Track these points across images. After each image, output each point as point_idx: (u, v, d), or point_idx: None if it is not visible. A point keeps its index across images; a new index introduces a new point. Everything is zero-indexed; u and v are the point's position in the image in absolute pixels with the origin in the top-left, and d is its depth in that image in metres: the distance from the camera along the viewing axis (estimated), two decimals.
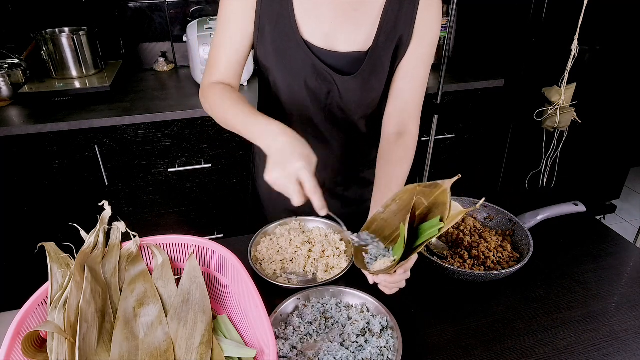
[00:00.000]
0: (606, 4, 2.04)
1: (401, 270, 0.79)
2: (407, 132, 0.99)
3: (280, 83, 0.99)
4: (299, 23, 0.92)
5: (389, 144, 0.99)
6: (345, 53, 0.94)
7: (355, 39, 0.93)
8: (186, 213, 2.05)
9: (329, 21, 0.92)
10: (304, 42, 0.92)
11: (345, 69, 0.95)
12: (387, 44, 0.94)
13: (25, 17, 2.05)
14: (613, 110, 2.39)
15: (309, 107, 1.01)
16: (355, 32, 0.93)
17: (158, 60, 2.28)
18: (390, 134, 1.00)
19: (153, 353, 0.68)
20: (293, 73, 0.96)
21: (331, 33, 0.93)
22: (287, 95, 1.00)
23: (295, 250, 0.99)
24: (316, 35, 0.93)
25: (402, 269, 0.79)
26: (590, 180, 2.62)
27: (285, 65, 0.96)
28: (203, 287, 0.76)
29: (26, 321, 0.65)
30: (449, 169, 2.32)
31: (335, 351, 0.74)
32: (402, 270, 0.79)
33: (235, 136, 1.92)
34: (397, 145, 0.98)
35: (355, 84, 0.96)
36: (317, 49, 0.93)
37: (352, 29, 0.93)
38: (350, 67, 0.95)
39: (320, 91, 0.98)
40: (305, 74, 0.96)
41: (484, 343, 0.80)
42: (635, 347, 0.79)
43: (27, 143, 1.71)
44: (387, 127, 1.02)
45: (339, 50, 0.94)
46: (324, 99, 1.00)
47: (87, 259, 0.74)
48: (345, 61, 0.95)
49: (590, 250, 1.04)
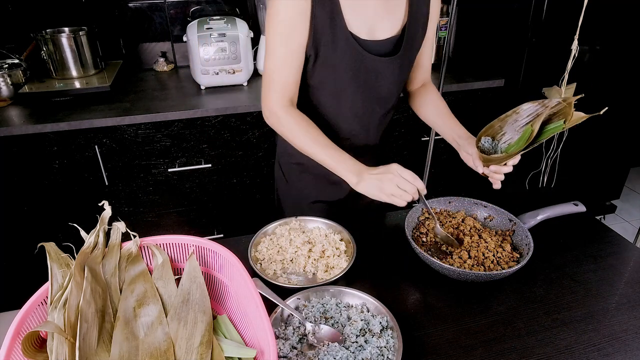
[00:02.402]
0: (606, 4, 2.04)
1: (511, 162, 0.97)
2: (427, 83, 1.23)
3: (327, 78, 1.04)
4: (347, 20, 0.98)
5: (421, 93, 1.21)
6: (385, 40, 1.04)
7: (391, 25, 1.04)
8: (186, 213, 2.05)
9: (372, 15, 1.00)
10: (352, 36, 0.99)
11: (386, 53, 1.05)
12: (417, 24, 1.06)
13: (25, 17, 2.05)
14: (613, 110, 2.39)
15: (354, 99, 1.08)
16: (391, 19, 1.03)
17: (158, 60, 2.28)
18: (416, 89, 1.23)
19: (153, 353, 0.68)
20: (341, 67, 1.02)
21: (373, 24, 1.02)
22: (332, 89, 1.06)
23: (295, 250, 0.99)
24: (362, 29, 1.01)
25: (512, 161, 0.97)
26: (590, 180, 2.62)
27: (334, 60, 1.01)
28: (203, 287, 0.76)
29: (26, 321, 0.65)
30: (449, 169, 2.32)
31: (335, 351, 0.74)
32: (512, 162, 0.97)
33: (235, 136, 1.92)
34: (428, 91, 1.20)
35: (396, 65, 1.06)
36: (362, 41, 1.01)
37: (389, 17, 1.03)
38: (390, 51, 1.05)
39: (367, 81, 1.06)
40: (355, 67, 1.03)
41: (484, 343, 0.80)
42: (635, 347, 0.79)
43: (27, 143, 1.71)
44: (413, 86, 1.24)
45: (379, 38, 1.03)
46: (369, 87, 1.07)
47: (87, 259, 0.74)
48: (385, 47, 1.05)
49: (590, 250, 1.04)
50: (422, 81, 1.23)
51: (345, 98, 1.08)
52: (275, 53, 0.99)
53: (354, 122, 1.13)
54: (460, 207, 1.13)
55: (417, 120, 1.28)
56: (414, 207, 1.10)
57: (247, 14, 2.29)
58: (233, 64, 1.97)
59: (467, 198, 1.13)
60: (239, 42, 1.95)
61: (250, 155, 1.98)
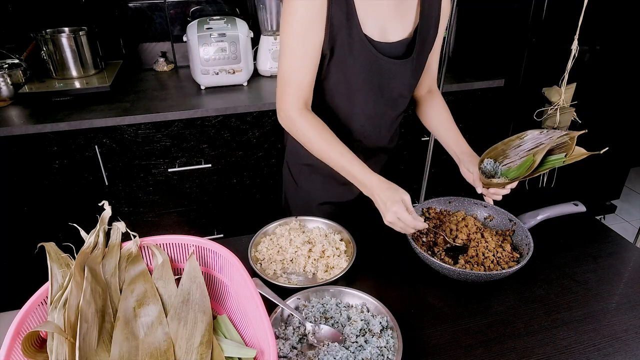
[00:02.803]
0: (606, 4, 2.04)
1: (509, 186, 1.00)
2: (434, 89, 1.24)
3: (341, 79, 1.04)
4: (361, 22, 0.98)
5: (427, 100, 1.22)
6: (397, 42, 1.04)
7: (403, 28, 1.04)
8: (186, 213, 2.05)
9: (384, 17, 1.01)
10: (366, 38, 0.99)
11: (399, 56, 1.05)
12: (428, 26, 1.06)
13: (25, 17, 2.05)
14: (613, 110, 2.39)
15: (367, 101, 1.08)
16: (403, 22, 1.03)
17: (158, 60, 2.28)
18: (422, 95, 1.23)
19: (153, 353, 0.68)
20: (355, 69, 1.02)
21: (385, 27, 1.02)
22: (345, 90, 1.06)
23: (295, 250, 0.99)
24: (374, 31, 1.01)
25: (510, 185, 1.00)
26: (590, 180, 2.62)
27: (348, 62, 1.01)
28: (203, 287, 0.76)
29: (26, 321, 0.65)
30: (449, 169, 2.32)
31: (335, 351, 0.74)
32: (510, 186, 1.00)
33: (235, 136, 1.92)
34: (434, 99, 1.21)
35: (409, 67, 1.07)
36: (376, 43, 1.01)
37: (401, 20, 1.03)
38: (403, 53, 1.06)
39: (380, 84, 1.06)
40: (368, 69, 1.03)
41: (484, 343, 0.80)
42: (635, 347, 0.79)
43: (27, 143, 1.70)
44: (420, 92, 1.24)
45: (391, 40, 1.03)
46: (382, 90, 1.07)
47: (87, 259, 0.74)
48: (397, 49, 1.05)
49: (590, 250, 1.04)
50: (428, 86, 1.23)
51: (358, 100, 1.07)
52: (292, 53, 0.98)
53: (366, 123, 1.12)
54: (460, 207, 1.13)
55: (417, 120, 1.28)
56: (414, 207, 1.10)
57: (247, 14, 2.29)
58: (233, 64, 1.97)
59: (467, 198, 1.12)
60: (239, 42, 1.95)
61: (250, 155, 1.98)
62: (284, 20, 0.96)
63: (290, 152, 1.26)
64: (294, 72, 0.99)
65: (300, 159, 1.22)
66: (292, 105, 1.01)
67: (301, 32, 0.95)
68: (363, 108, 1.09)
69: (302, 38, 0.96)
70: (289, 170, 1.28)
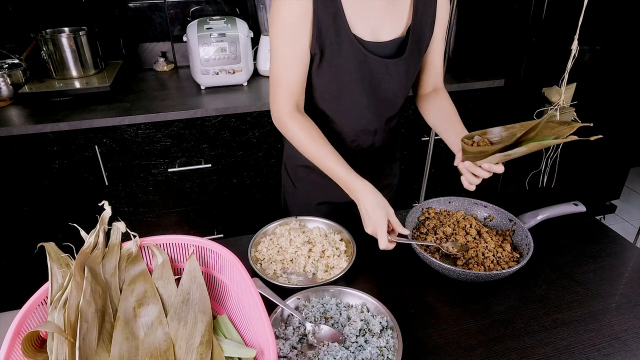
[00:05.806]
0: (606, 4, 2.04)
1: (486, 165, 0.92)
2: (439, 87, 1.19)
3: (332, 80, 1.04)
4: (349, 22, 0.98)
5: (431, 97, 1.17)
6: (389, 41, 1.03)
7: (395, 27, 1.03)
8: (186, 213, 2.05)
9: (375, 17, 1.00)
10: (355, 38, 0.99)
11: (391, 55, 1.04)
12: (422, 25, 1.05)
13: (25, 17, 2.05)
14: (613, 110, 2.39)
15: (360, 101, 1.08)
16: (395, 21, 1.03)
17: (158, 60, 2.28)
18: (426, 93, 1.20)
19: (153, 353, 0.68)
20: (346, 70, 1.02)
21: (376, 27, 1.01)
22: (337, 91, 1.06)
23: (295, 250, 0.99)
24: (365, 31, 1.00)
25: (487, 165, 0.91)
26: (590, 180, 2.62)
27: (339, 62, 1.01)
28: (203, 287, 0.76)
29: (26, 321, 0.65)
30: (449, 169, 2.32)
31: (335, 351, 0.74)
32: (487, 166, 0.91)
33: (235, 136, 1.92)
34: (439, 96, 1.17)
35: (402, 66, 1.05)
36: (366, 42, 1.01)
37: (393, 19, 1.02)
38: (395, 53, 1.05)
39: (372, 83, 1.05)
40: (359, 69, 1.02)
41: (484, 343, 0.80)
42: (635, 347, 0.79)
43: (27, 143, 1.70)
44: (424, 90, 1.20)
45: (382, 40, 1.03)
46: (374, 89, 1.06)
47: (87, 259, 0.74)
48: (390, 49, 1.04)
49: (590, 250, 1.04)
50: (433, 85, 1.20)
51: (350, 100, 1.07)
52: (280, 53, 0.98)
53: (359, 124, 1.12)
54: (460, 207, 1.13)
55: (417, 120, 1.28)
56: (414, 207, 1.10)
57: (247, 14, 2.29)
58: (233, 64, 1.97)
59: (467, 198, 1.13)
60: (239, 42, 1.95)
61: (250, 155, 1.98)
62: (271, 22, 0.98)
63: (288, 154, 1.27)
64: (284, 72, 1.00)
65: (298, 161, 1.22)
66: (283, 107, 1.02)
67: (288, 33, 0.96)
68: (356, 108, 1.09)
69: (289, 38, 0.97)
70: (287, 173, 1.28)
